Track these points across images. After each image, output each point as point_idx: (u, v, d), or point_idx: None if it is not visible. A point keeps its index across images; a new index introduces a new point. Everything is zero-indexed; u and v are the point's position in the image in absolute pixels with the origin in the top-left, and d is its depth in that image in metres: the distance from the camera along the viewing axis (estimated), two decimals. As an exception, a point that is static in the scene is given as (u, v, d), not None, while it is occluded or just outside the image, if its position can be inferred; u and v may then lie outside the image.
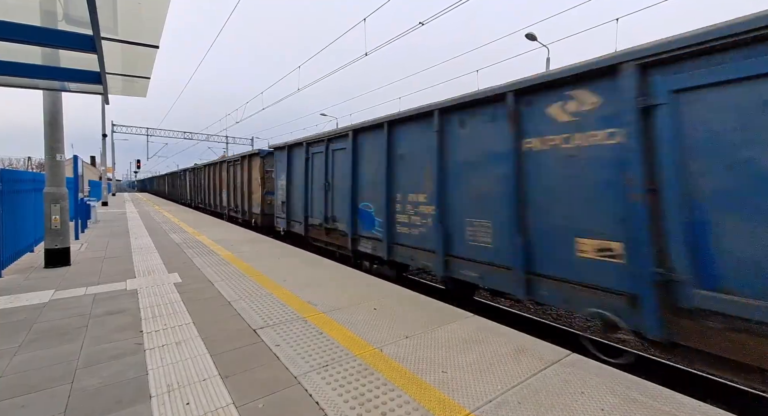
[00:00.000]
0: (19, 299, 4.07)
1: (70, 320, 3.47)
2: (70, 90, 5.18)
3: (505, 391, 2.29)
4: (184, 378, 2.43)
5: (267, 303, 3.90)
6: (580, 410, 2.10)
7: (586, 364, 2.63)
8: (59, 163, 5.72)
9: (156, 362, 2.64)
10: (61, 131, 5.69)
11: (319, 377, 2.43)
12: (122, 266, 5.68)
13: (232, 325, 3.32)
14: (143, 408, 2.11)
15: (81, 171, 10.57)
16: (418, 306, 3.84)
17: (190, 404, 2.15)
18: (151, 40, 3.82)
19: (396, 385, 2.34)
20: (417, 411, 2.09)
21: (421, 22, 9.34)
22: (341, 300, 4.01)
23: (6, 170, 5.60)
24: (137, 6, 3.20)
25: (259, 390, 2.28)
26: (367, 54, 11.36)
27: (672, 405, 2.14)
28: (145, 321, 3.41)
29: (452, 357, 2.72)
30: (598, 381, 2.39)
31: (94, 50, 3.33)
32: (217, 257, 6.35)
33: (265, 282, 4.72)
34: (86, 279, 4.91)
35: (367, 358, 2.70)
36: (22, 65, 4.14)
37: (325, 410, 2.09)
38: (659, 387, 2.33)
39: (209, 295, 4.20)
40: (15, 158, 75.88)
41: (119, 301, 4.01)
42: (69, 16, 3.32)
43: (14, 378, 2.43)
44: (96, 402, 2.17)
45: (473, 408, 2.12)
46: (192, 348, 2.86)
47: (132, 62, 4.45)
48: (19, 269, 5.45)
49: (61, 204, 5.68)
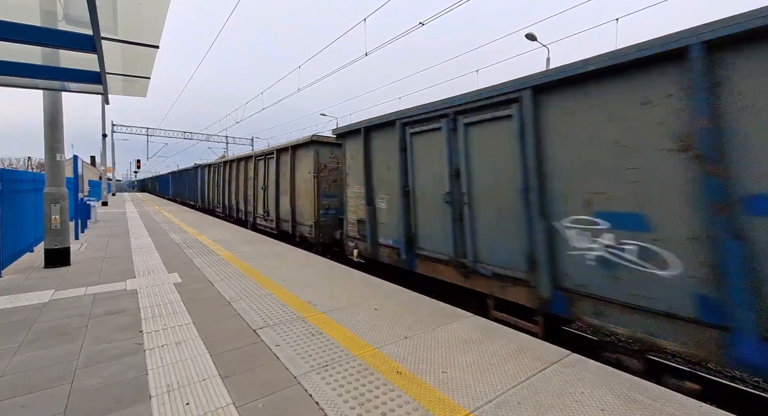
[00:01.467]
0: (18, 299, 4.07)
1: (70, 320, 3.47)
2: (70, 90, 5.18)
3: (505, 391, 2.28)
4: (184, 378, 2.43)
5: (267, 303, 3.90)
6: (580, 410, 2.10)
7: (587, 364, 2.62)
8: (59, 163, 5.72)
9: (156, 362, 2.64)
10: (61, 131, 5.69)
11: (318, 377, 2.43)
12: (122, 266, 5.68)
13: (232, 325, 3.32)
14: (143, 408, 2.11)
15: (81, 171, 10.57)
16: (419, 306, 3.83)
17: (190, 404, 2.15)
18: (151, 40, 3.82)
19: (396, 385, 2.34)
20: (417, 411, 2.09)
21: (421, 23, 9.34)
22: (341, 300, 4.01)
23: (6, 170, 5.60)
24: (137, 6, 3.21)
25: (259, 390, 2.28)
26: (367, 54, 11.36)
27: (672, 405, 2.14)
28: (145, 321, 3.41)
29: (452, 357, 2.72)
30: (598, 382, 2.39)
31: (94, 50, 3.33)
32: (217, 257, 6.35)
33: (264, 282, 4.72)
34: (86, 279, 4.91)
35: (367, 358, 2.70)
36: (22, 65, 4.14)
37: (324, 410, 2.09)
38: (659, 387, 2.33)
39: (209, 295, 4.20)
40: (15, 158, 75.96)
41: (119, 301, 4.01)
42: (69, 16, 3.32)
43: (14, 378, 2.43)
44: (96, 402, 2.17)
45: (473, 408, 2.12)
46: (192, 348, 2.85)
47: (132, 62, 4.45)
48: (19, 269, 5.44)
49: (61, 204, 5.67)
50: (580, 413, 2.08)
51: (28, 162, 72.04)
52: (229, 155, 23.14)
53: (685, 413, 2.06)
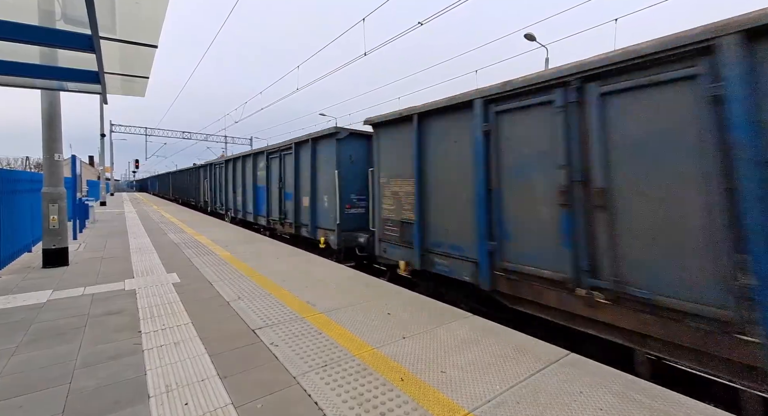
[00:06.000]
0: (16, 299, 4.06)
1: (68, 320, 3.46)
2: (69, 90, 5.17)
3: (504, 391, 2.29)
4: (183, 378, 2.43)
5: (266, 303, 3.89)
6: (578, 410, 2.10)
7: (585, 364, 2.63)
8: (57, 163, 5.70)
9: (154, 362, 2.64)
10: (59, 130, 5.67)
11: (317, 377, 2.43)
12: (120, 266, 5.66)
13: (231, 325, 3.32)
14: (142, 408, 2.11)
15: (79, 171, 10.53)
16: (418, 306, 3.83)
17: (189, 404, 2.14)
18: (150, 40, 3.82)
19: (395, 385, 2.34)
20: (416, 411, 2.09)
21: (420, 22, 9.34)
22: (340, 300, 4.00)
23: (4, 170, 5.59)
24: (136, 5, 3.20)
25: (257, 391, 2.28)
26: (366, 54, 11.35)
27: (671, 404, 2.14)
28: (144, 321, 3.40)
29: (451, 357, 2.72)
30: (597, 381, 2.40)
31: (92, 50, 3.32)
32: (215, 257, 6.34)
33: (263, 282, 4.72)
34: (84, 279, 4.90)
35: (366, 358, 2.70)
36: (20, 65, 4.13)
37: (324, 410, 2.09)
38: (658, 386, 2.34)
39: (208, 295, 4.19)
40: (13, 158, 75.74)
41: (117, 301, 4.00)
42: (67, 16, 3.31)
43: (12, 379, 2.42)
44: (94, 403, 2.16)
45: (472, 407, 2.12)
46: (191, 349, 2.85)
47: (130, 62, 4.44)
48: (17, 269, 5.43)
49: (59, 204, 5.66)
50: (578, 413, 2.08)
51: (26, 162, 71.87)
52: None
53: (684, 413, 2.07)
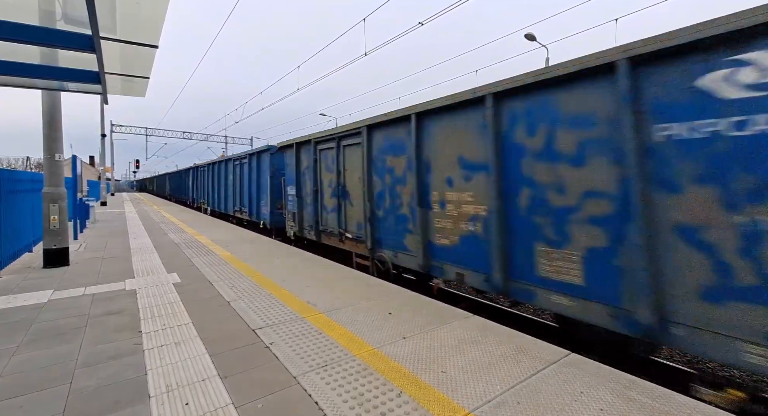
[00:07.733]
0: (17, 299, 4.06)
1: (68, 320, 3.46)
2: (69, 90, 5.17)
3: (505, 391, 2.29)
4: (183, 378, 2.43)
5: (266, 303, 3.89)
6: (579, 410, 2.10)
7: (586, 364, 2.63)
8: (58, 163, 5.71)
9: (155, 362, 2.64)
10: (59, 130, 5.68)
11: (318, 377, 2.43)
12: (121, 266, 5.67)
13: (232, 325, 3.32)
14: (142, 408, 2.11)
15: (80, 171, 10.54)
16: (418, 306, 3.83)
17: (189, 404, 2.14)
18: (150, 40, 3.81)
19: (395, 385, 2.34)
20: (416, 411, 2.09)
21: (421, 22, 9.34)
22: (341, 300, 4.00)
23: (4, 170, 5.59)
24: (136, 6, 3.20)
25: (258, 391, 2.28)
26: (366, 54, 11.36)
27: (671, 404, 2.14)
28: (144, 321, 3.40)
29: (451, 357, 2.72)
30: (598, 381, 2.39)
31: (92, 50, 3.32)
32: (216, 256, 6.34)
33: (264, 282, 4.72)
34: (85, 279, 4.90)
35: (366, 358, 2.70)
36: (21, 65, 4.13)
37: (324, 410, 2.09)
38: (658, 386, 2.33)
39: (208, 295, 4.20)
40: (14, 158, 75.83)
41: (118, 301, 4.00)
42: (68, 16, 3.31)
43: (12, 379, 2.43)
44: (94, 403, 2.16)
45: (472, 407, 2.12)
46: (191, 349, 2.85)
47: (131, 62, 4.44)
48: (18, 269, 5.43)
49: (59, 204, 5.66)
50: (579, 413, 2.08)
51: (26, 162, 71.94)
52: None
53: (684, 413, 2.06)
